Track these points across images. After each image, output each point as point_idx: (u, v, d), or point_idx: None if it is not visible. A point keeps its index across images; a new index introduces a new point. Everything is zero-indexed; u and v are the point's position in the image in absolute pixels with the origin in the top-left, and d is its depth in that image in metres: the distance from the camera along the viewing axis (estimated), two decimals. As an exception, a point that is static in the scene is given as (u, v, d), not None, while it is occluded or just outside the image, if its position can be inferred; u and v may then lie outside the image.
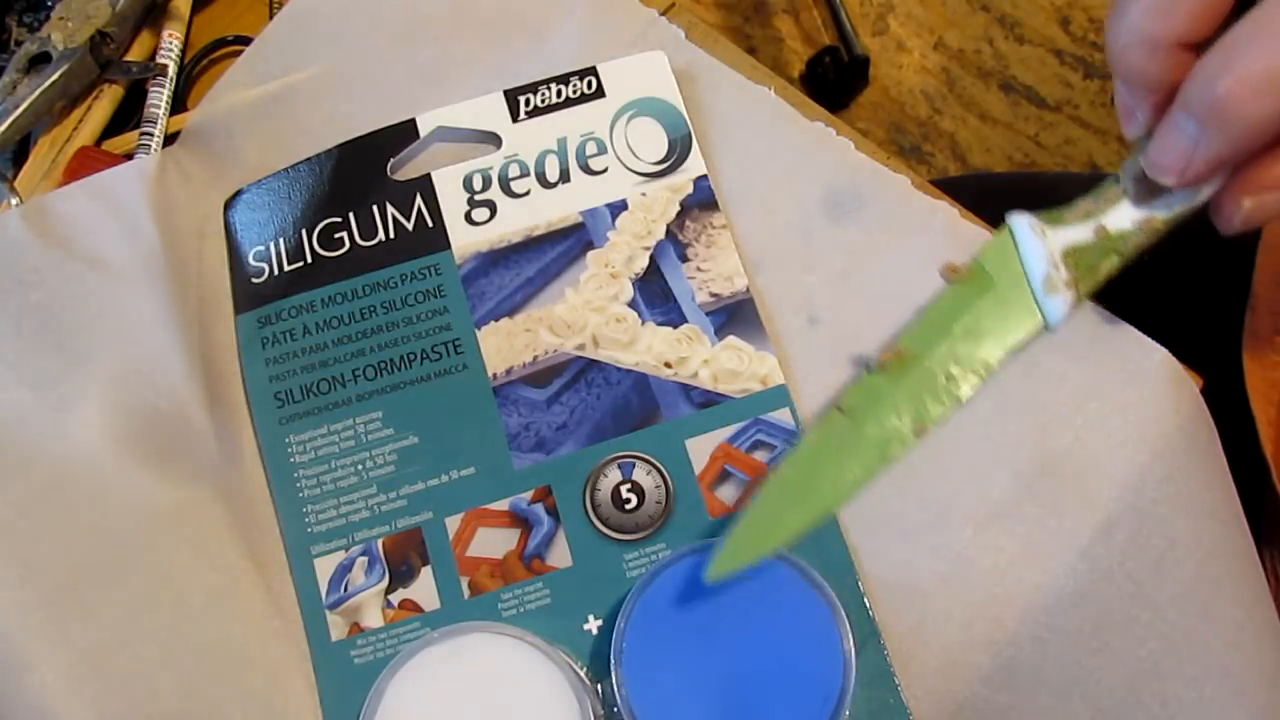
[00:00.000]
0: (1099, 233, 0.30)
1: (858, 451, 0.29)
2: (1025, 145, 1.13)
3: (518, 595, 0.33)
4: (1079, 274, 0.30)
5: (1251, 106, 0.24)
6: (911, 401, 0.30)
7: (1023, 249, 0.30)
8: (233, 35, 0.41)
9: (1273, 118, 0.25)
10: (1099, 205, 0.30)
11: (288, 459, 0.34)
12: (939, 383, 0.30)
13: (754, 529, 0.29)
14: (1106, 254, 0.30)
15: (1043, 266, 0.30)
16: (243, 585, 0.33)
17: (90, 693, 0.30)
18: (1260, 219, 0.28)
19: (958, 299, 0.30)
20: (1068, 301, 0.29)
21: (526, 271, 0.36)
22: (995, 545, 0.32)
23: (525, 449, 0.34)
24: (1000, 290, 0.30)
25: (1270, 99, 0.24)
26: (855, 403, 0.30)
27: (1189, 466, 0.33)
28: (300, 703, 0.32)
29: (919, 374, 0.30)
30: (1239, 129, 0.25)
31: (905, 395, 0.30)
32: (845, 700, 0.29)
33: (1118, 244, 0.29)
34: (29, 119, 0.38)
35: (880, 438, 0.29)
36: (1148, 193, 0.29)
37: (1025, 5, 1.18)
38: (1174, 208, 0.29)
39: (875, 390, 0.30)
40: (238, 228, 0.37)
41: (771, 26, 1.17)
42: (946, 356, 0.30)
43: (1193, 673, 0.31)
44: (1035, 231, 0.30)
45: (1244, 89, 0.24)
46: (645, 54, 0.38)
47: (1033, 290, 0.30)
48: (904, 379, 0.30)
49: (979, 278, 0.30)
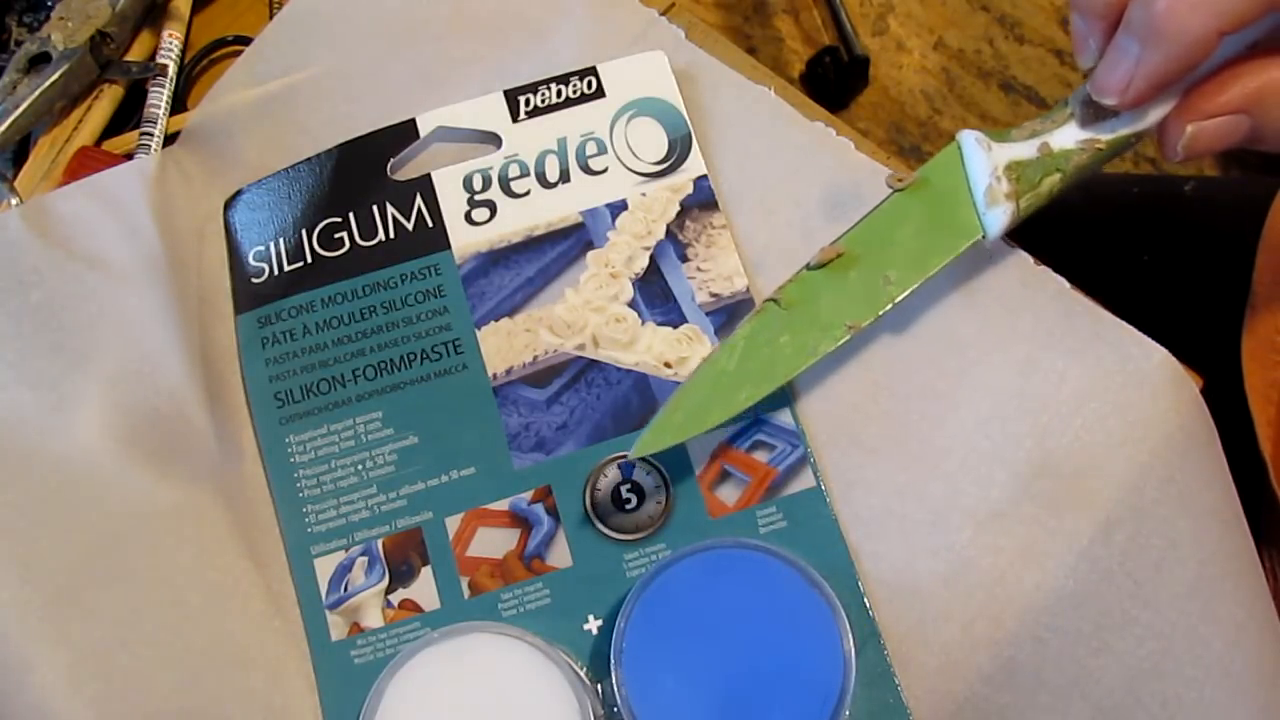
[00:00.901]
0: (1043, 150, 0.30)
1: (789, 344, 0.31)
2: (1025, 145, 1.13)
3: (518, 595, 0.33)
4: (1020, 188, 0.30)
5: (1188, 21, 0.25)
6: (846, 300, 0.31)
7: (968, 162, 0.31)
8: (233, 35, 0.41)
9: (1209, 33, 0.26)
10: (1045, 126, 0.31)
11: (288, 459, 0.34)
12: (875, 284, 0.31)
13: (681, 413, 0.31)
14: (1049, 171, 0.30)
15: (985, 179, 0.30)
16: (243, 585, 0.33)
17: (90, 693, 0.30)
18: (1201, 147, 0.29)
19: (901, 207, 0.31)
20: (1007, 213, 0.30)
21: (526, 271, 0.36)
22: (995, 545, 0.32)
23: (525, 449, 0.34)
24: (943, 200, 0.31)
25: (1204, 13, 0.25)
26: (792, 297, 0.31)
27: (1189, 466, 0.33)
28: (300, 703, 0.32)
29: (857, 274, 0.31)
30: (1176, 45, 0.26)
31: (841, 293, 0.31)
32: (845, 700, 0.29)
33: (1060, 161, 0.30)
34: (29, 119, 0.38)
35: (812, 331, 0.30)
36: (1094, 116, 0.30)
37: (1025, 5, 1.18)
38: (1118, 131, 0.30)
39: (812, 286, 0.31)
40: (238, 228, 0.37)
41: (771, 26, 1.17)
42: (885, 260, 0.31)
43: (1193, 673, 0.31)
44: (981, 146, 0.31)
45: (1181, 4, 0.25)
46: (645, 54, 0.38)
47: (974, 202, 0.31)
48: (841, 278, 0.31)
49: (923, 188, 0.31)
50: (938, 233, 0.31)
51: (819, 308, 0.31)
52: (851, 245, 0.31)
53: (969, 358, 0.34)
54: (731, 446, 0.34)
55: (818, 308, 0.31)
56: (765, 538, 0.33)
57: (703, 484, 0.34)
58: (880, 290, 0.31)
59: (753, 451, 0.34)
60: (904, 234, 0.31)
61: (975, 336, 0.34)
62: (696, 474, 0.34)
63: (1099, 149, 0.30)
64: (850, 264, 0.31)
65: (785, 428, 0.34)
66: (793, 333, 0.31)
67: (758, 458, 0.34)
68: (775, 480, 0.34)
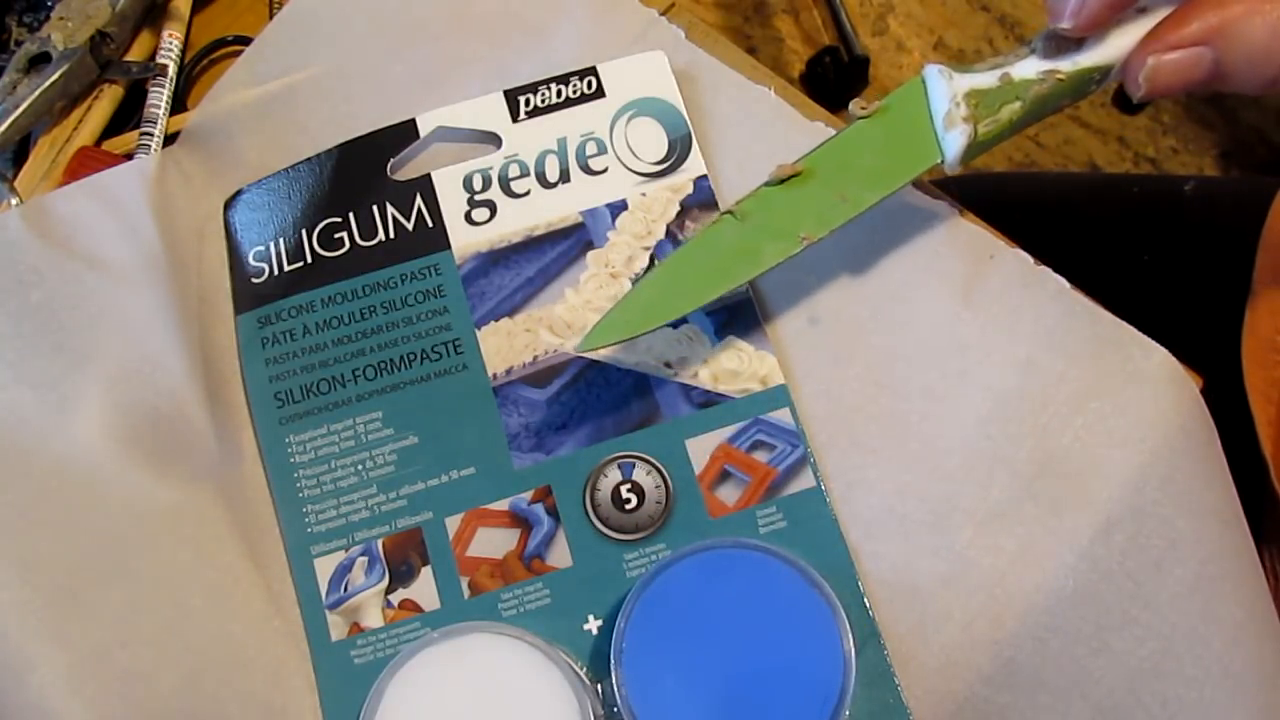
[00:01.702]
0: (1003, 79, 0.31)
1: (740, 250, 0.31)
2: (1025, 145, 1.13)
3: (518, 595, 0.33)
4: (979, 113, 0.31)
5: None
6: (801, 213, 0.31)
7: (930, 92, 0.32)
8: (233, 35, 0.41)
9: None
10: (1008, 59, 0.32)
11: (288, 459, 0.34)
12: (831, 201, 0.32)
13: (628, 312, 0.31)
14: (1009, 99, 0.31)
15: (945, 105, 0.31)
16: (243, 585, 0.33)
17: (90, 693, 0.30)
18: (1162, 80, 0.29)
19: (863, 132, 0.32)
20: (964, 134, 0.31)
21: (526, 271, 0.36)
22: (995, 545, 0.32)
23: (525, 449, 0.34)
24: (904, 127, 0.32)
25: None
26: (748, 208, 0.32)
27: (1189, 466, 0.33)
28: (300, 703, 0.32)
29: (813, 190, 0.32)
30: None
31: (796, 207, 0.31)
32: (845, 700, 0.29)
33: (1020, 89, 0.31)
34: (29, 119, 0.38)
35: (765, 240, 0.31)
36: (1056, 50, 0.31)
37: (1025, 5, 1.18)
38: (1079, 63, 0.31)
39: (769, 201, 0.32)
40: (238, 228, 0.37)
41: (771, 26, 1.17)
42: (843, 179, 0.32)
43: (1193, 673, 0.31)
44: (943, 76, 0.31)
45: None
46: (645, 54, 0.38)
47: (934, 127, 0.31)
48: (798, 193, 0.32)
49: (886, 115, 0.32)
50: (897, 156, 0.32)
51: (773, 219, 0.32)
52: (811, 164, 0.32)
53: (969, 358, 0.34)
54: (731, 446, 0.34)
55: (772, 219, 0.32)
56: (765, 538, 0.33)
57: (703, 484, 0.34)
58: (835, 207, 0.31)
59: (753, 451, 0.34)
60: (863, 157, 0.32)
61: (976, 336, 0.34)
62: (696, 474, 0.34)
63: (1059, 79, 0.31)
64: (807, 180, 0.32)
65: (785, 428, 0.34)
66: (745, 241, 0.32)
67: (758, 458, 0.34)
68: (775, 480, 0.34)
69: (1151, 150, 1.12)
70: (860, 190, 0.31)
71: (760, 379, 0.35)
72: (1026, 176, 0.82)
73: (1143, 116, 1.11)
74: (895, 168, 0.32)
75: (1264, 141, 1.11)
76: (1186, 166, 1.12)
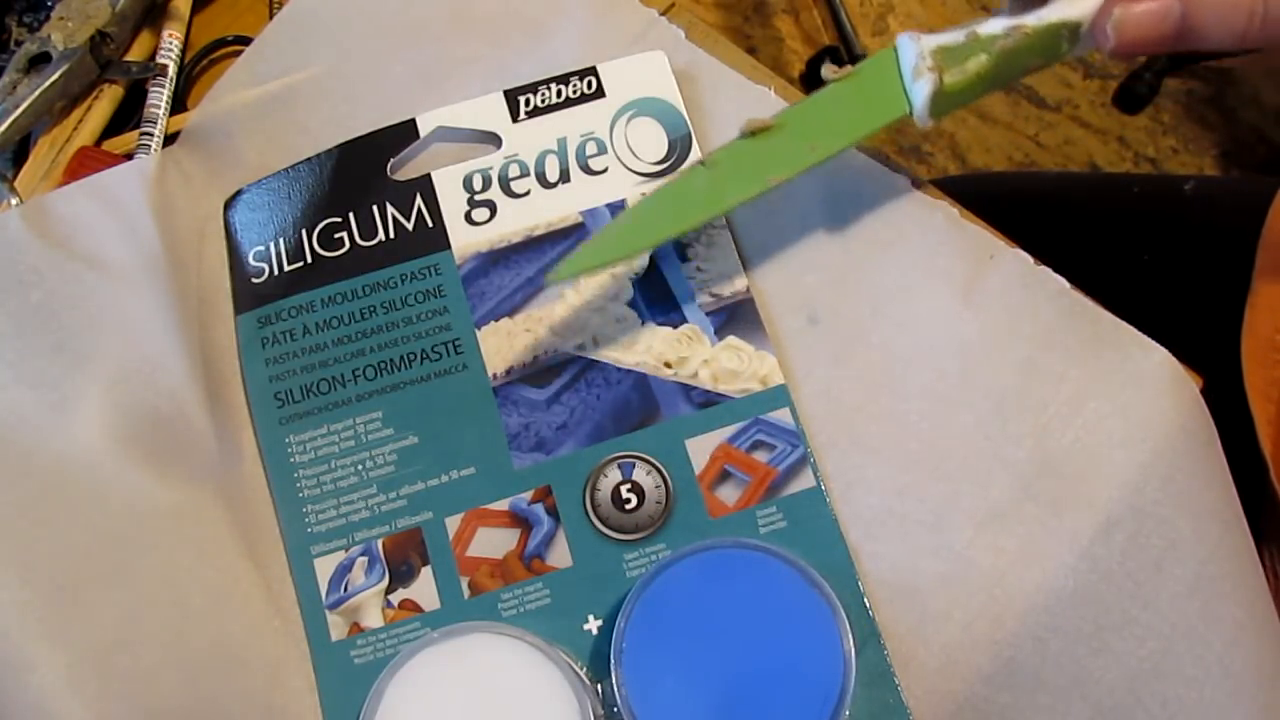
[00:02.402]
0: (970, 35, 0.32)
1: (709, 191, 0.33)
2: (1025, 145, 1.13)
3: (518, 595, 0.33)
4: (945, 64, 0.32)
5: None
6: (769, 159, 0.33)
7: (900, 54, 0.33)
8: (233, 35, 0.41)
9: None
10: (978, 21, 0.32)
11: (288, 459, 0.34)
12: (800, 149, 0.33)
13: (602, 245, 0.32)
14: (974, 51, 0.32)
15: (913, 60, 0.32)
16: (243, 585, 0.33)
17: (90, 693, 0.30)
18: (1130, 33, 0.29)
19: (836, 92, 0.33)
20: (930, 82, 0.32)
21: (526, 271, 0.36)
22: (995, 545, 0.32)
23: (525, 449, 0.34)
24: (875, 86, 0.33)
25: None
26: (718, 158, 0.33)
27: (1189, 466, 0.33)
28: (300, 703, 0.32)
29: (783, 141, 0.33)
30: None
31: (765, 154, 0.33)
32: (845, 700, 0.29)
33: (986, 44, 0.32)
34: (29, 119, 0.38)
35: (733, 182, 0.32)
36: (1023, 6, 0.32)
37: (1025, 5, 1.18)
38: (1045, 18, 0.31)
39: (739, 151, 0.33)
40: (238, 228, 0.37)
41: (771, 26, 1.17)
42: (813, 130, 0.33)
43: (1193, 673, 0.31)
44: (913, 39, 0.32)
45: None
46: (645, 54, 0.38)
47: (902, 80, 0.33)
48: (768, 144, 0.33)
49: (858, 76, 0.33)
50: (866, 109, 0.33)
51: (742, 166, 0.33)
52: (783, 120, 0.33)
53: (969, 358, 0.34)
54: (731, 446, 0.34)
55: (741, 166, 0.33)
56: (765, 538, 0.33)
57: (703, 484, 0.34)
58: (804, 154, 0.33)
59: (753, 451, 0.34)
60: (834, 113, 0.33)
61: (975, 337, 0.34)
62: (696, 474, 0.34)
63: (1025, 34, 0.31)
64: (778, 133, 0.33)
65: (785, 428, 0.34)
66: (714, 184, 0.33)
67: (758, 458, 0.34)
68: (775, 480, 0.34)
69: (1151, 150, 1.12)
70: (830, 139, 0.33)
71: (760, 379, 0.35)
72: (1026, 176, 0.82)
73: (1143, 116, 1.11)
74: (865, 118, 0.33)
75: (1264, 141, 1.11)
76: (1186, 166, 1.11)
